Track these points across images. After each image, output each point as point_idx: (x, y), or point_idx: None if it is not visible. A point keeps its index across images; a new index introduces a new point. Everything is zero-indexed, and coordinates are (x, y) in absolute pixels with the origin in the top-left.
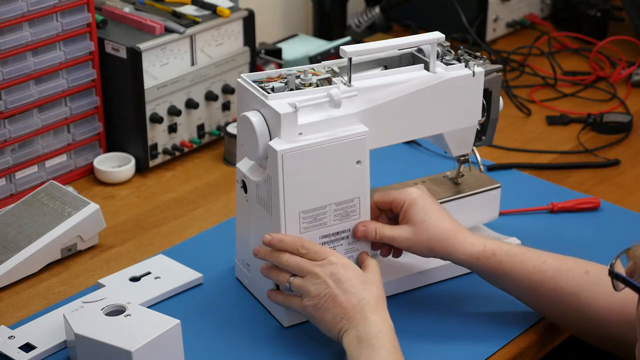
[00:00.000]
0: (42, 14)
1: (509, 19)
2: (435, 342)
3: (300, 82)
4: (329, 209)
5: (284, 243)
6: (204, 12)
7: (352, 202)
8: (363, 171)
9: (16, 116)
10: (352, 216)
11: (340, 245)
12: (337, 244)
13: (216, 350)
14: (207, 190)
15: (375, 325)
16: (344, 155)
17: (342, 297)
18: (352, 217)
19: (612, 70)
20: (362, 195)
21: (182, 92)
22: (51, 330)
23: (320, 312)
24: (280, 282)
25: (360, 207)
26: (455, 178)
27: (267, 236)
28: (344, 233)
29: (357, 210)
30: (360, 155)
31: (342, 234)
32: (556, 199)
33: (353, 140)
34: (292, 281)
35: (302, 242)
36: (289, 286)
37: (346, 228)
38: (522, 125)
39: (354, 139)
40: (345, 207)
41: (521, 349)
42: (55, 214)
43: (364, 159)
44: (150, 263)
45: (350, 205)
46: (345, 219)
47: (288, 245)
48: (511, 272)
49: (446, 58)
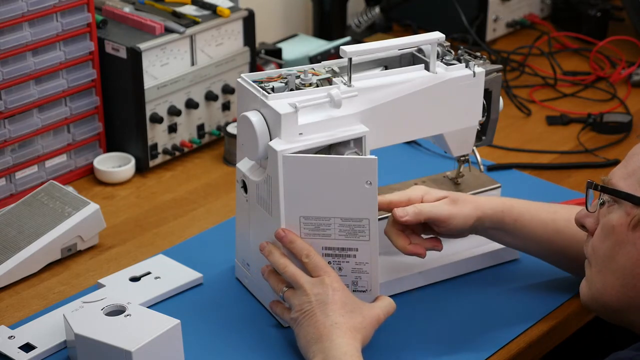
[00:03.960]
0: (42, 14)
1: (509, 19)
2: (435, 342)
3: (300, 82)
4: (333, 222)
5: (293, 244)
6: (204, 12)
7: (361, 222)
8: (372, 192)
9: (16, 116)
10: (360, 236)
11: (347, 262)
12: (342, 260)
13: (216, 350)
14: (207, 190)
15: (340, 348)
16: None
17: (319, 318)
18: (361, 238)
19: (612, 70)
20: (371, 217)
21: (182, 92)
22: (51, 330)
23: (298, 328)
24: (275, 291)
25: (370, 229)
26: (455, 178)
27: (280, 231)
28: (351, 252)
29: (366, 232)
30: (370, 176)
31: (348, 252)
32: (556, 199)
33: (363, 160)
34: (285, 292)
35: (309, 251)
36: (282, 295)
37: (353, 247)
38: (522, 125)
39: (365, 159)
40: (353, 225)
41: (521, 348)
42: (55, 214)
43: (374, 181)
44: (150, 263)
45: (358, 225)
46: (352, 237)
47: (296, 248)
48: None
49: (446, 58)
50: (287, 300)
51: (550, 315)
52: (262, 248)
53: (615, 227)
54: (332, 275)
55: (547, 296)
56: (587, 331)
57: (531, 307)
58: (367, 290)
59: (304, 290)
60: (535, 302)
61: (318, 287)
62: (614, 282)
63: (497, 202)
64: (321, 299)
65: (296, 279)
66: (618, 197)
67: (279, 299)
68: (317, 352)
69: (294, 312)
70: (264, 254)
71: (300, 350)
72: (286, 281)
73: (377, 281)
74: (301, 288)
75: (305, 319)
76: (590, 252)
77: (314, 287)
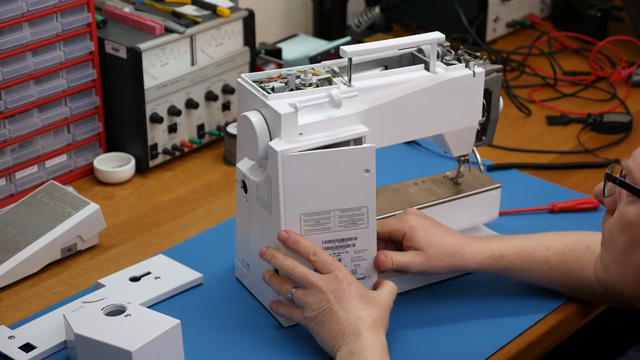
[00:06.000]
0: (42, 14)
1: (509, 19)
2: (435, 342)
3: (300, 82)
4: (333, 215)
5: (299, 245)
6: (204, 12)
7: (359, 210)
8: (370, 180)
9: (16, 116)
10: (359, 224)
11: (346, 252)
12: (342, 250)
13: (216, 350)
14: (207, 190)
15: (366, 340)
16: (351, 162)
17: (340, 314)
18: (360, 226)
19: (612, 70)
20: (370, 204)
21: (182, 92)
22: (51, 330)
23: (318, 326)
24: (281, 293)
25: (369, 216)
26: (455, 178)
27: (282, 232)
28: (350, 241)
29: (365, 220)
30: (368, 164)
31: (347, 242)
32: (556, 199)
33: (361, 149)
34: (294, 292)
35: (315, 249)
36: (290, 297)
37: (352, 236)
38: (522, 125)
39: (363, 148)
40: (352, 214)
41: (521, 348)
42: (55, 214)
43: (372, 168)
44: (150, 263)
45: (357, 214)
46: (352, 227)
47: (301, 247)
48: (522, 268)
49: (446, 58)
50: (298, 300)
51: (550, 315)
52: (262, 254)
53: (632, 224)
54: (342, 270)
55: (547, 296)
56: (587, 331)
57: (531, 307)
58: (366, 276)
59: (318, 287)
60: (535, 302)
61: (333, 283)
62: (628, 276)
63: (484, 253)
64: (339, 295)
65: (308, 278)
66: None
67: (280, 299)
68: (342, 345)
69: (310, 311)
70: (265, 259)
71: (323, 347)
72: (293, 281)
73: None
74: (314, 286)
75: (326, 316)
76: (607, 237)
77: (329, 283)
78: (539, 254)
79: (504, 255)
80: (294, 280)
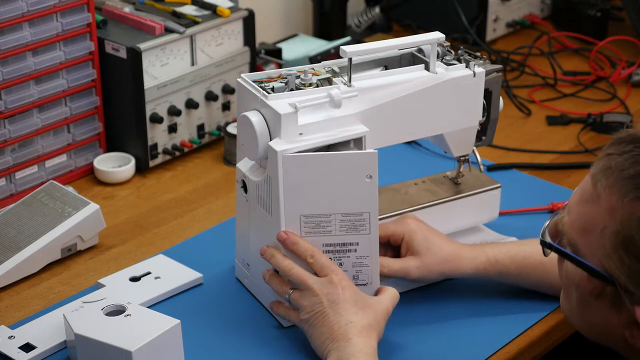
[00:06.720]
0: (42, 14)
1: (509, 19)
2: (435, 342)
3: (300, 82)
4: (334, 218)
5: (297, 246)
6: (204, 12)
7: (361, 216)
8: (372, 186)
9: (16, 116)
10: (361, 230)
11: (347, 257)
12: (342, 255)
13: (216, 350)
14: (207, 190)
15: (355, 346)
16: (353, 167)
17: (331, 318)
18: (362, 232)
19: (612, 70)
20: (372, 210)
21: (182, 92)
22: (51, 330)
23: (311, 329)
24: (280, 293)
25: (371, 223)
26: (455, 178)
27: (282, 233)
28: (351, 246)
29: (367, 226)
30: (370, 170)
31: (348, 247)
32: (556, 199)
33: (363, 154)
34: (291, 294)
35: (313, 252)
36: (288, 298)
37: (353, 241)
38: (522, 125)
39: (365, 154)
40: (353, 219)
41: (521, 348)
42: (55, 214)
43: (374, 174)
44: (150, 263)
45: (359, 219)
46: (353, 232)
47: (300, 249)
48: (518, 273)
49: (446, 58)
50: (294, 302)
51: (550, 315)
52: (262, 252)
53: (578, 286)
54: (339, 273)
55: (547, 296)
56: None
57: (531, 307)
58: (367, 283)
59: (312, 291)
60: (535, 302)
61: (327, 286)
62: (589, 329)
63: (480, 259)
64: (332, 299)
65: (303, 280)
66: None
67: (280, 300)
68: (332, 350)
69: (304, 314)
70: (265, 257)
71: (315, 350)
72: (290, 283)
73: (377, 273)
74: (310, 289)
75: (318, 319)
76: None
77: (323, 287)
78: (533, 258)
79: (499, 260)
80: (291, 282)
